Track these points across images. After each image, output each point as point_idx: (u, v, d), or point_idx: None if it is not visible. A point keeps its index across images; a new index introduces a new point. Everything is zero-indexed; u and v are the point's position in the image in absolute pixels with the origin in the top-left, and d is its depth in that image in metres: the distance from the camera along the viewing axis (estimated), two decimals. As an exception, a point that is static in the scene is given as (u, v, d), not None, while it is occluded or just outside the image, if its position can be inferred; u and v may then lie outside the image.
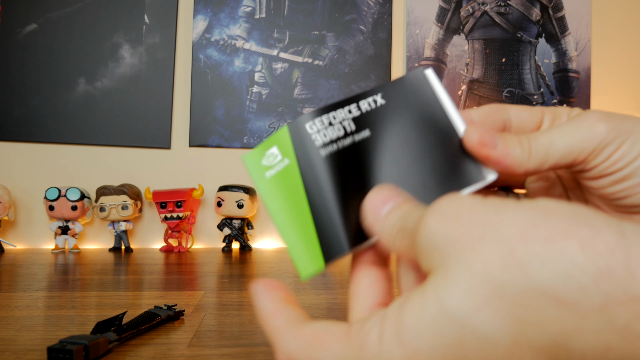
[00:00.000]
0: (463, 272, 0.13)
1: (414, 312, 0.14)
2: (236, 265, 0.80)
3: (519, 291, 0.12)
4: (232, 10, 1.13)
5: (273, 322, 0.18)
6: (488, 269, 0.13)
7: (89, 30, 1.07)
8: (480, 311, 0.13)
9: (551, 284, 0.12)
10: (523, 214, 0.13)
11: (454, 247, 0.14)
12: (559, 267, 0.12)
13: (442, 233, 0.14)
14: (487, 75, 1.22)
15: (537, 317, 0.12)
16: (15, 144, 1.05)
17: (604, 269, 0.12)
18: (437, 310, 0.14)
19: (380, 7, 1.18)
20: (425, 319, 0.14)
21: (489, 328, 0.13)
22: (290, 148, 0.20)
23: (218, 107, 1.11)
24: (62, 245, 0.97)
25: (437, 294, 0.14)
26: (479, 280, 0.13)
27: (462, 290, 0.13)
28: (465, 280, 0.13)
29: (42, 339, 0.37)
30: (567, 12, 1.25)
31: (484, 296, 0.13)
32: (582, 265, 0.12)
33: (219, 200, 1.00)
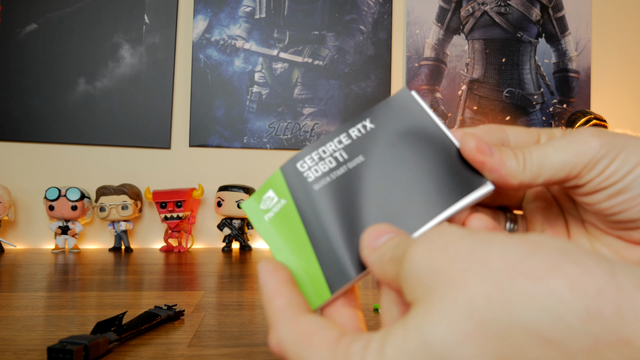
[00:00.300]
0: (446, 306, 0.13)
1: (395, 345, 0.14)
2: (236, 265, 0.80)
3: (504, 328, 0.12)
4: (232, 10, 1.13)
5: (275, 301, 0.18)
6: (472, 303, 0.13)
7: (89, 30, 1.07)
8: (462, 347, 0.12)
9: (537, 323, 0.12)
10: (511, 248, 0.13)
11: (438, 280, 0.14)
12: (546, 306, 0.12)
13: (427, 264, 0.14)
14: (487, 75, 1.22)
15: (522, 356, 0.12)
16: (15, 144, 1.05)
17: (593, 309, 0.11)
18: (418, 344, 0.13)
19: (380, 7, 1.18)
20: (406, 353, 0.13)
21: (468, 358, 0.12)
22: (285, 189, 0.21)
23: (218, 107, 1.11)
24: (62, 245, 0.97)
25: (419, 327, 0.13)
26: (462, 315, 0.13)
27: (445, 325, 0.13)
28: (448, 314, 0.13)
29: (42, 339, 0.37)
30: (567, 12, 1.25)
31: (466, 332, 0.12)
32: (570, 305, 0.11)
33: (219, 200, 1.00)
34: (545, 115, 1.24)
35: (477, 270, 0.13)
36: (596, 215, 0.20)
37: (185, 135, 1.11)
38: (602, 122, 1.10)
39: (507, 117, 1.22)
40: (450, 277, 0.13)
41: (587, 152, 0.18)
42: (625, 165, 0.18)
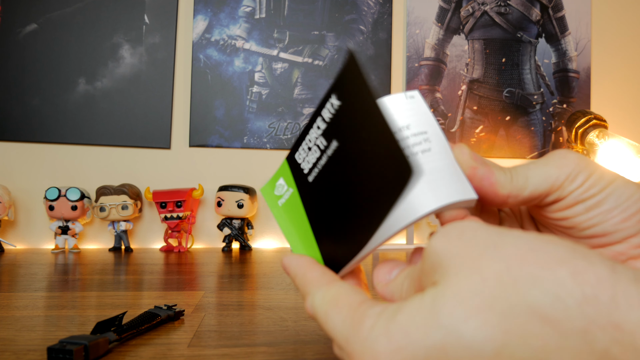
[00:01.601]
0: (459, 283, 0.14)
1: (408, 312, 0.15)
2: (236, 265, 0.80)
3: (509, 306, 0.13)
4: (232, 10, 1.13)
5: (308, 274, 0.20)
6: (484, 282, 0.14)
7: (89, 30, 1.07)
8: (469, 320, 0.14)
9: (539, 303, 0.13)
10: (523, 239, 0.15)
11: (454, 261, 0.15)
12: (549, 289, 0.13)
13: (444, 249, 0.16)
14: (487, 75, 1.22)
15: (523, 331, 0.13)
16: (15, 144, 1.05)
17: (590, 295, 0.13)
18: (428, 314, 0.14)
19: (380, 7, 1.18)
20: (416, 320, 0.15)
21: (474, 337, 0.13)
22: (291, 179, 0.22)
23: (218, 107, 1.11)
24: (62, 245, 0.97)
25: (433, 300, 0.15)
26: (473, 292, 0.14)
27: (456, 300, 0.14)
28: (460, 290, 0.14)
29: (42, 339, 0.37)
30: (567, 12, 1.25)
31: (475, 307, 0.14)
32: (570, 289, 0.13)
33: (219, 200, 1.00)
34: (545, 115, 1.24)
35: (491, 253, 0.14)
36: (569, 232, 0.21)
37: (185, 135, 1.11)
38: (602, 122, 1.10)
39: (507, 117, 1.22)
40: (465, 259, 0.15)
41: (568, 164, 0.20)
42: (601, 180, 0.20)
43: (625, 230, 0.19)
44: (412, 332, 0.15)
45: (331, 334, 0.18)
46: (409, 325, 0.15)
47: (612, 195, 0.19)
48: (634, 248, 0.19)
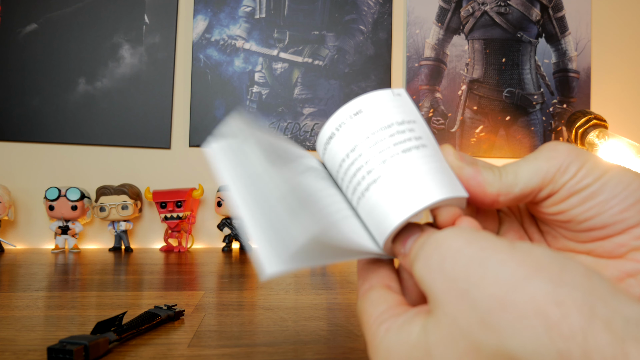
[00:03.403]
0: (448, 322, 0.15)
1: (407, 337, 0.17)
2: (236, 265, 0.80)
3: (494, 352, 0.14)
4: (232, 10, 1.13)
5: (361, 282, 0.22)
6: (469, 326, 0.14)
7: (89, 30, 1.07)
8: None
9: (520, 353, 0.13)
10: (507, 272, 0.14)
11: (440, 297, 0.16)
12: (527, 342, 0.13)
13: (429, 281, 0.17)
14: (487, 75, 1.22)
15: None
16: (15, 144, 1.05)
17: (563, 351, 0.13)
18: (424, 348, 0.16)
19: (380, 7, 1.18)
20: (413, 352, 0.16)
21: None
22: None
23: (218, 107, 1.11)
24: (62, 245, 0.97)
25: (426, 333, 0.16)
26: (460, 334, 0.15)
27: (446, 338, 0.15)
28: (450, 330, 0.15)
29: (42, 339, 0.37)
30: (567, 12, 1.25)
31: (464, 350, 0.15)
32: (546, 345, 0.13)
33: (219, 200, 1.00)
34: (545, 115, 1.24)
35: (474, 294, 0.15)
36: (567, 226, 0.21)
37: (185, 135, 1.11)
38: (602, 122, 1.10)
39: (507, 117, 1.22)
40: (449, 298, 0.15)
41: (557, 156, 0.20)
42: (595, 169, 0.19)
43: (625, 221, 0.19)
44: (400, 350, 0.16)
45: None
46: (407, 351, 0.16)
47: (608, 185, 0.19)
48: (635, 239, 0.19)
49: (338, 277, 0.68)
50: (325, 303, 0.51)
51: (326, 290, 0.58)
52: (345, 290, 0.58)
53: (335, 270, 0.75)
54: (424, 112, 1.20)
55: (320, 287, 0.60)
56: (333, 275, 0.70)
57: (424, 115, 1.19)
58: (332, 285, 0.62)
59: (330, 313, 0.47)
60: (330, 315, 0.46)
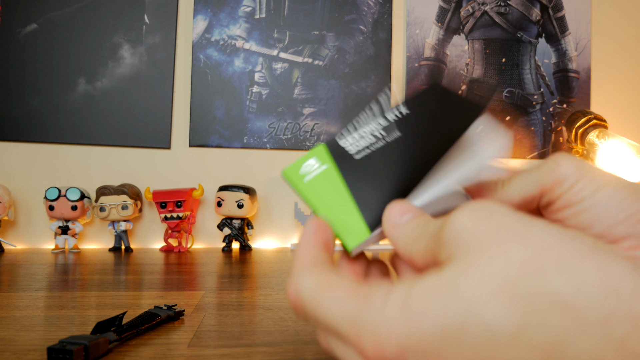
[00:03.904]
0: (484, 265, 0.15)
1: (425, 290, 0.15)
2: (236, 265, 0.80)
3: (532, 292, 0.14)
4: (232, 10, 1.13)
5: (301, 257, 0.20)
6: (508, 266, 0.14)
7: (89, 30, 1.07)
8: (491, 302, 0.14)
9: (563, 292, 0.13)
10: (552, 231, 0.15)
11: (479, 242, 0.15)
12: (573, 279, 0.13)
13: (471, 228, 0.16)
14: (487, 75, 1.22)
15: (543, 317, 0.13)
16: (15, 144, 1.05)
17: (612, 288, 0.13)
18: (449, 293, 0.14)
19: (380, 7, 1.18)
20: (435, 298, 0.15)
21: (494, 318, 0.14)
22: (328, 157, 0.25)
23: (218, 107, 1.11)
24: (62, 245, 0.97)
25: (454, 278, 0.15)
26: (497, 275, 0.14)
27: (478, 280, 0.14)
28: (484, 272, 0.14)
29: (42, 339, 0.37)
30: (567, 12, 1.25)
31: (497, 289, 0.14)
32: (594, 281, 0.13)
33: (219, 200, 1.00)
34: (545, 115, 1.24)
35: (518, 239, 0.15)
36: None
37: (185, 135, 1.11)
38: (602, 122, 1.10)
39: (507, 117, 1.22)
40: (491, 242, 0.15)
41: (556, 170, 0.21)
42: (591, 184, 0.20)
43: (615, 235, 0.20)
44: (429, 309, 0.14)
45: (325, 320, 0.17)
46: (427, 303, 0.15)
47: (601, 201, 0.20)
48: (624, 250, 0.20)
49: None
50: (325, 303, 0.51)
51: None
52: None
53: (335, 270, 0.74)
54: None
55: (320, 287, 0.60)
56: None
57: (424, 115, 1.19)
58: (332, 285, 0.61)
59: (330, 313, 0.47)
60: (330, 315, 0.46)
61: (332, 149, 0.26)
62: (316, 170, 0.25)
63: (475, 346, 0.14)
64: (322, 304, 0.17)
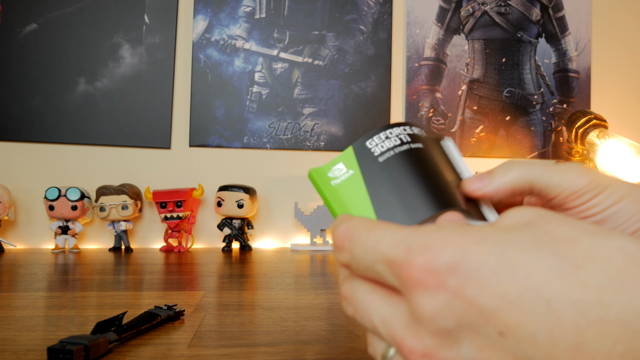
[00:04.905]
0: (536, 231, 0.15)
1: (484, 228, 0.17)
2: (236, 265, 0.80)
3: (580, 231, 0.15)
4: (232, 10, 1.13)
5: (346, 222, 0.21)
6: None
7: (89, 30, 1.07)
8: (546, 246, 0.15)
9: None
10: (627, 249, 0.14)
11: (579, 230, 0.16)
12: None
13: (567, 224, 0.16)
14: (487, 75, 1.22)
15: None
16: (15, 144, 1.05)
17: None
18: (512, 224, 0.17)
19: (380, 7, 1.18)
20: (505, 232, 0.16)
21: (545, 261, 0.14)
22: (354, 162, 0.26)
23: (218, 107, 1.11)
24: (62, 245, 0.97)
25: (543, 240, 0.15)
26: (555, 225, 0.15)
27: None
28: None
29: (42, 339, 0.37)
30: (567, 12, 1.25)
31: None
32: None
33: (219, 200, 1.00)
34: (545, 115, 1.24)
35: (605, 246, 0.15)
36: None
37: (185, 135, 1.11)
38: (602, 122, 1.10)
39: (507, 117, 1.22)
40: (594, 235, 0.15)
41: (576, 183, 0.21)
42: (607, 200, 0.21)
43: None
44: (493, 239, 0.15)
45: (375, 245, 0.17)
46: (486, 235, 0.15)
47: (615, 216, 0.21)
48: None
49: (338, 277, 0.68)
50: (325, 303, 0.51)
51: (326, 290, 0.58)
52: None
53: (335, 270, 0.75)
54: (424, 112, 1.20)
55: (320, 287, 0.60)
56: (333, 275, 0.70)
57: (423, 115, 1.19)
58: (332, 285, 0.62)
59: (330, 313, 0.47)
60: (330, 315, 0.46)
61: (358, 151, 0.26)
62: (343, 176, 0.26)
63: (524, 275, 0.14)
64: (374, 231, 0.18)
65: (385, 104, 1.17)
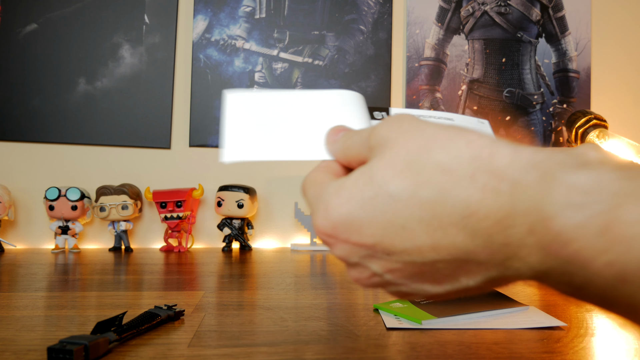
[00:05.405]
0: (391, 154, 0.20)
1: (353, 178, 0.21)
2: (236, 265, 0.80)
3: (422, 165, 0.19)
4: (232, 10, 1.13)
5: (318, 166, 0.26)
6: (407, 153, 0.20)
7: (89, 30, 1.07)
8: (395, 178, 0.20)
9: (443, 160, 0.19)
10: (441, 127, 0.21)
11: (391, 141, 0.21)
12: (450, 151, 0.19)
13: (387, 132, 0.22)
14: (487, 75, 1.22)
15: (429, 180, 0.19)
16: (15, 144, 1.05)
17: (476, 154, 0.19)
18: (367, 177, 0.21)
19: (380, 7, 1.18)
20: (358, 182, 0.21)
21: (396, 189, 0.20)
22: None
23: (218, 107, 1.11)
24: (62, 245, 0.97)
25: (371, 167, 0.21)
26: (400, 160, 0.20)
27: (386, 165, 0.20)
28: (391, 159, 0.20)
29: (42, 339, 0.37)
30: (567, 12, 1.25)
31: (399, 169, 0.20)
32: (464, 150, 0.19)
33: (219, 200, 1.00)
34: (545, 115, 1.24)
35: (416, 135, 0.21)
36: None
37: (185, 135, 1.11)
38: (602, 122, 1.10)
39: (507, 117, 1.22)
40: (398, 140, 0.21)
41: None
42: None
43: None
44: (354, 190, 0.21)
45: (307, 200, 0.24)
46: (352, 186, 0.21)
47: None
48: None
49: (338, 277, 0.68)
50: (325, 303, 0.51)
51: (326, 290, 0.58)
52: (345, 290, 0.58)
53: (335, 270, 0.75)
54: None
55: (320, 287, 0.60)
56: (333, 275, 0.70)
57: (424, 115, 1.19)
58: (332, 285, 0.62)
59: (330, 313, 0.47)
60: (330, 315, 0.46)
61: None
62: None
63: (383, 211, 0.20)
64: (306, 191, 0.24)
65: (385, 104, 1.17)
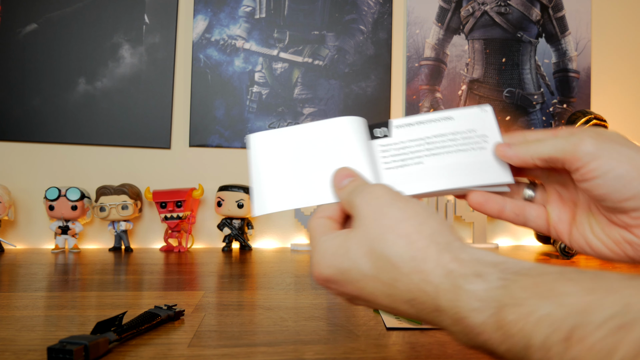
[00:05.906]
0: (361, 234, 0.25)
1: (335, 244, 0.26)
2: (236, 265, 0.80)
3: (379, 254, 0.24)
4: (232, 10, 1.13)
5: (318, 211, 0.30)
6: (371, 240, 0.24)
7: (89, 30, 1.07)
8: (363, 257, 0.24)
9: (391, 255, 0.23)
10: (399, 218, 0.24)
11: (364, 218, 0.25)
12: (397, 249, 0.23)
13: (363, 206, 0.26)
14: (487, 75, 1.22)
15: (384, 267, 0.23)
16: (15, 144, 1.05)
17: (413, 254, 0.23)
18: (344, 248, 0.25)
19: (380, 7, 1.18)
20: (338, 252, 0.26)
21: (364, 268, 0.24)
22: None
23: (218, 107, 1.11)
24: (62, 245, 0.97)
25: (347, 239, 0.26)
26: (366, 241, 0.24)
27: (357, 243, 0.25)
28: (360, 239, 0.25)
29: (42, 339, 0.37)
30: (567, 12, 1.25)
31: (366, 250, 0.24)
32: (406, 251, 0.23)
33: (219, 200, 1.00)
34: (545, 115, 1.24)
35: (380, 219, 0.25)
36: (591, 197, 0.27)
37: (185, 135, 1.11)
38: (602, 122, 1.10)
39: (507, 117, 1.22)
40: (370, 218, 0.25)
41: (578, 146, 0.26)
42: (604, 166, 0.25)
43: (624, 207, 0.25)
44: (334, 261, 0.26)
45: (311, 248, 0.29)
46: (333, 254, 0.26)
47: (611, 182, 0.25)
48: (634, 219, 0.26)
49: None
50: (325, 303, 0.51)
51: (326, 290, 0.58)
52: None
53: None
54: (424, 112, 1.19)
55: (320, 287, 0.60)
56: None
57: (424, 115, 1.19)
58: (332, 285, 0.61)
59: (330, 313, 0.47)
60: (330, 315, 0.46)
61: None
62: None
63: (357, 279, 0.25)
64: (310, 239, 0.29)
65: (385, 104, 1.17)
